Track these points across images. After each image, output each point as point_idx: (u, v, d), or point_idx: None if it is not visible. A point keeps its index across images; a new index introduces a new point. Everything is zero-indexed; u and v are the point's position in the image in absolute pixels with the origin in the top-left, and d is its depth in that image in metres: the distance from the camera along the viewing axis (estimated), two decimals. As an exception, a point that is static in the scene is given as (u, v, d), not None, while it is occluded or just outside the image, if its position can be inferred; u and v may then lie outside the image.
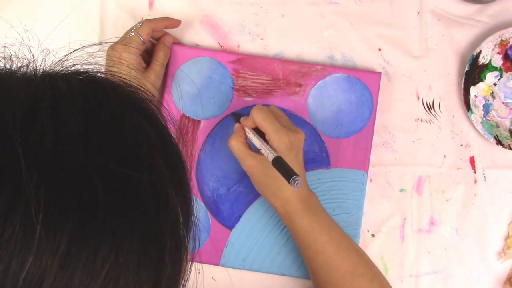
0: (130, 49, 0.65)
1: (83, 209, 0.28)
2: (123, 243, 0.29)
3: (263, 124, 0.61)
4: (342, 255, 0.62)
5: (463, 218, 0.72)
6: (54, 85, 0.32)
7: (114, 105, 0.33)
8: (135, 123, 0.33)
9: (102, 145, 0.30)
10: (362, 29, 0.73)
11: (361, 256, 0.63)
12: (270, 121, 0.61)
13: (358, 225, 0.71)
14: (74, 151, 0.29)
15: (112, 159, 0.30)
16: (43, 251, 0.27)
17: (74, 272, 0.27)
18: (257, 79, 0.72)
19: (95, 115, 0.31)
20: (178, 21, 0.71)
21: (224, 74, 0.72)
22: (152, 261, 0.31)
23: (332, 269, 0.62)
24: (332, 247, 0.62)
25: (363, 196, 0.71)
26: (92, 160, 0.29)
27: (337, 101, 0.71)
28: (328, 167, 0.71)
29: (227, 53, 0.72)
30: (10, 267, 0.26)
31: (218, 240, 0.71)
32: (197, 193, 0.71)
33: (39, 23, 0.73)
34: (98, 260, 0.28)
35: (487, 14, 0.73)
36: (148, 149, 0.33)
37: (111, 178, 0.30)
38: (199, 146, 0.72)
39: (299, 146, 0.62)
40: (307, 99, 0.72)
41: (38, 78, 0.33)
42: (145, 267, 0.30)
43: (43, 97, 0.31)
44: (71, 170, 0.28)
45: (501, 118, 0.72)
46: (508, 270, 0.72)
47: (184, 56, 0.71)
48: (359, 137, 0.71)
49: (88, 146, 0.30)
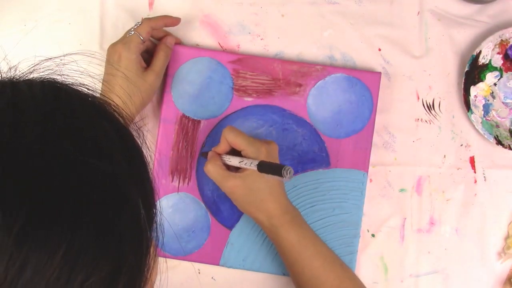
0: (129, 48, 0.65)
1: (39, 190, 0.29)
2: (79, 228, 0.30)
3: (237, 140, 0.62)
4: (328, 269, 0.62)
5: (463, 218, 0.72)
6: (15, 86, 0.33)
7: (73, 103, 0.34)
8: (95, 121, 0.34)
9: (61, 134, 0.32)
10: (362, 29, 0.73)
11: (346, 271, 0.64)
12: (243, 137, 0.62)
13: (358, 225, 0.71)
14: (31, 140, 0.30)
15: (71, 147, 0.31)
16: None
17: (30, 251, 0.28)
18: (257, 79, 0.72)
19: (54, 112, 0.33)
20: (178, 19, 0.70)
21: (224, 74, 0.72)
22: (110, 248, 0.31)
23: (318, 283, 0.62)
24: (318, 261, 0.62)
25: (363, 196, 0.71)
26: (49, 148, 0.31)
27: (337, 101, 0.71)
28: (328, 167, 0.71)
29: (227, 53, 0.72)
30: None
31: (218, 240, 0.71)
32: (197, 193, 0.71)
33: (39, 23, 0.73)
34: (54, 240, 0.29)
35: (487, 14, 0.73)
36: (106, 141, 0.34)
37: (68, 164, 0.31)
38: (199, 146, 0.72)
39: (275, 156, 0.63)
40: (307, 99, 0.72)
41: (0, 81, 0.34)
42: (103, 251, 0.31)
43: (2, 94, 0.32)
44: (29, 154, 0.30)
45: (501, 118, 0.72)
46: (508, 270, 0.72)
47: (184, 56, 0.71)
48: (359, 137, 0.71)
49: (45, 137, 0.31)
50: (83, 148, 0.32)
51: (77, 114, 0.34)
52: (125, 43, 0.66)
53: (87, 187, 0.31)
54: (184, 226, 0.71)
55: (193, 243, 0.71)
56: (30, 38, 0.72)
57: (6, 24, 0.74)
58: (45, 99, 0.33)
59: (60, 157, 0.31)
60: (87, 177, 0.31)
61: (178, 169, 0.71)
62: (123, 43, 0.66)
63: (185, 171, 0.71)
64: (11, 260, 0.28)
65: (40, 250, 0.28)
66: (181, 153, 0.71)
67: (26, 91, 0.33)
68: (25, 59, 0.37)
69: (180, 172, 0.71)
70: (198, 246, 0.71)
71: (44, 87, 0.34)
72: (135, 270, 0.33)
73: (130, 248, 0.32)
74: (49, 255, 0.29)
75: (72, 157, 0.31)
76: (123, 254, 0.32)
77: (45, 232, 0.29)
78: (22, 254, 0.28)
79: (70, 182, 0.30)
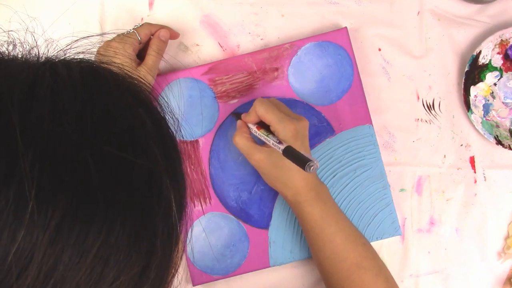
0: (125, 44, 0.65)
1: (76, 187, 0.29)
2: (114, 224, 0.29)
3: (267, 116, 0.61)
4: (349, 247, 0.62)
5: (463, 218, 0.72)
6: (54, 69, 0.32)
7: (112, 92, 0.34)
8: (132, 111, 0.34)
9: (98, 128, 0.31)
10: (362, 29, 0.73)
11: (368, 250, 0.63)
12: (273, 112, 0.61)
13: (383, 176, 0.71)
14: (70, 132, 0.30)
15: (107, 142, 0.31)
16: (34, 225, 0.27)
17: (64, 249, 0.28)
18: (234, 80, 0.72)
19: (93, 100, 0.32)
20: (178, 34, 0.71)
21: (202, 87, 0.71)
22: (143, 244, 0.31)
23: (338, 260, 0.62)
24: (339, 238, 0.62)
25: (377, 147, 0.71)
26: (87, 142, 0.30)
27: (317, 70, 0.72)
28: (334, 134, 0.71)
29: (197, 67, 0.72)
30: (1, 239, 0.27)
31: (260, 244, 0.71)
32: (222, 208, 0.71)
33: (39, 23, 0.73)
34: (88, 238, 0.28)
35: (487, 14, 0.73)
36: (143, 135, 0.33)
37: (105, 159, 0.30)
38: (206, 164, 0.72)
39: (304, 133, 0.62)
40: (289, 79, 0.72)
41: (40, 63, 0.34)
42: (135, 250, 0.30)
43: (43, 80, 0.31)
44: (66, 150, 0.29)
45: (501, 118, 0.72)
46: (508, 270, 0.72)
47: (159, 85, 0.71)
48: (350, 95, 0.71)
49: (84, 128, 0.30)
50: (120, 142, 0.31)
51: (115, 100, 0.33)
52: (122, 39, 0.66)
53: (123, 184, 0.31)
54: (223, 243, 0.71)
55: (238, 256, 0.71)
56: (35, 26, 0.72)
57: (5, 23, 0.73)
58: (84, 84, 0.32)
59: (97, 152, 0.30)
60: (123, 174, 0.31)
61: (196, 193, 0.71)
62: (119, 39, 0.66)
63: (203, 192, 0.71)
64: (45, 258, 0.28)
65: (73, 248, 0.28)
66: (192, 177, 0.71)
67: (65, 76, 0.32)
68: (63, 37, 0.37)
69: (199, 195, 0.71)
70: (243, 257, 0.71)
71: (83, 71, 0.33)
72: (164, 266, 0.33)
73: (160, 244, 0.32)
74: (82, 254, 0.28)
75: (109, 153, 0.30)
76: (155, 250, 0.32)
77: (80, 230, 0.28)
78: (56, 252, 0.28)
79: (107, 180, 0.30)
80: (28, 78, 0.31)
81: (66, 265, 0.28)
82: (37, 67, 0.32)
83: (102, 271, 0.29)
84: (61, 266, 0.28)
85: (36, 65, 0.33)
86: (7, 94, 0.30)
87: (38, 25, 0.40)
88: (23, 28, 0.37)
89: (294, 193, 0.63)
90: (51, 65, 0.33)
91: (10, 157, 0.28)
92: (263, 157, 0.62)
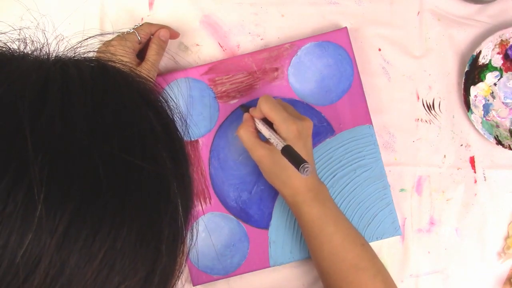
0: (125, 42, 0.65)
1: (85, 192, 0.29)
2: (122, 229, 0.29)
3: (271, 114, 0.61)
4: (348, 247, 0.62)
5: (463, 218, 0.72)
6: (65, 70, 0.32)
7: (122, 94, 0.34)
8: (142, 114, 0.34)
9: (108, 132, 0.31)
10: (362, 29, 0.73)
11: (367, 250, 0.63)
12: (277, 111, 0.61)
13: (383, 176, 0.71)
14: (80, 136, 0.30)
15: (117, 147, 0.31)
16: (42, 230, 0.27)
17: (71, 254, 0.28)
18: (234, 80, 0.72)
19: (103, 103, 0.32)
20: (178, 33, 0.71)
21: (202, 87, 0.71)
22: (148, 249, 0.31)
23: (336, 260, 0.62)
24: (338, 238, 0.62)
25: (377, 147, 0.71)
26: (97, 146, 0.30)
27: (317, 70, 0.72)
28: (334, 134, 0.71)
29: (197, 67, 0.72)
30: (8, 243, 0.27)
31: (260, 244, 0.71)
32: (222, 208, 0.71)
33: (50, 20, 0.73)
34: (95, 243, 0.28)
35: (487, 14, 0.73)
36: (153, 140, 0.33)
37: (114, 165, 0.30)
38: (206, 164, 0.72)
39: (307, 134, 0.62)
40: (289, 79, 0.72)
41: (50, 62, 0.33)
42: (141, 254, 0.30)
43: (53, 82, 0.31)
44: (76, 154, 0.29)
45: (501, 118, 0.72)
46: (508, 270, 0.72)
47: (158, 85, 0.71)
48: (350, 95, 0.71)
49: (94, 133, 0.30)
50: (130, 147, 0.31)
51: (125, 103, 0.33)
52: (121, 38, 0.66)
53: (131, 189, 0.31)
54: (223, 243, 0.71)
55: (238, 256, 0.71)
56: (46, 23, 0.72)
57: (3, 23, 0.73)
58: (94, 86, 0.32)
59: (107, 157, 0.30)
60: (132, 179, 0.31)
61: (196, 193, 0.71)
62: (119, 38, 0.66)
63: (203, 192, 0.71)
64: (52, 262, 0.28)
65: (80, 253, 0.28)
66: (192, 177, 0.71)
67: (75, 78, 0.32)
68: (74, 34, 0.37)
69: (199, 195, 0.71)
70: (243, 257, 0.71)
71: (93, 72, 0.33)
72: (168, 270, 0.33)
73: (166, 249, 0.32)
74: (89, 258, 0.28)
75: (119, 158, 0.30)
76: (160, 255, 0.32)
77: (87, 235, 0.28)
78: (63, 256, 0.28)
79: (116, 185, 0.30)
80: (39, 79, 0.31)
81: (72, 269, 0.28)
82: (48, 67, 0.32)
83: (108, 276, 0.29)
84: (67, 270, 0.28)
85: (47, 64, 0.33)
86: (18, 94, 0.30)
87: (49, 22, 0.40)
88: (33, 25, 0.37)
89: (293, 193, 0.63)
90: (61, 66, 0.33)
91: (20, 161, 0.28)
92: (265, 153, 0.62)
